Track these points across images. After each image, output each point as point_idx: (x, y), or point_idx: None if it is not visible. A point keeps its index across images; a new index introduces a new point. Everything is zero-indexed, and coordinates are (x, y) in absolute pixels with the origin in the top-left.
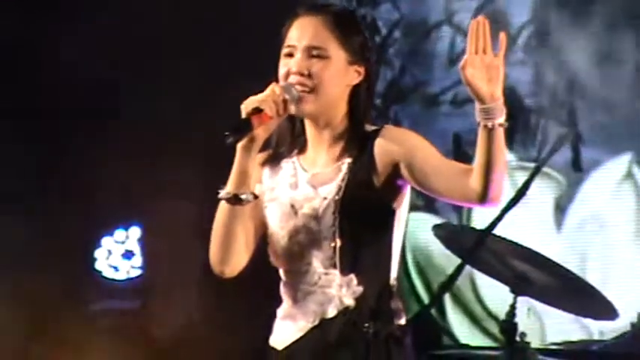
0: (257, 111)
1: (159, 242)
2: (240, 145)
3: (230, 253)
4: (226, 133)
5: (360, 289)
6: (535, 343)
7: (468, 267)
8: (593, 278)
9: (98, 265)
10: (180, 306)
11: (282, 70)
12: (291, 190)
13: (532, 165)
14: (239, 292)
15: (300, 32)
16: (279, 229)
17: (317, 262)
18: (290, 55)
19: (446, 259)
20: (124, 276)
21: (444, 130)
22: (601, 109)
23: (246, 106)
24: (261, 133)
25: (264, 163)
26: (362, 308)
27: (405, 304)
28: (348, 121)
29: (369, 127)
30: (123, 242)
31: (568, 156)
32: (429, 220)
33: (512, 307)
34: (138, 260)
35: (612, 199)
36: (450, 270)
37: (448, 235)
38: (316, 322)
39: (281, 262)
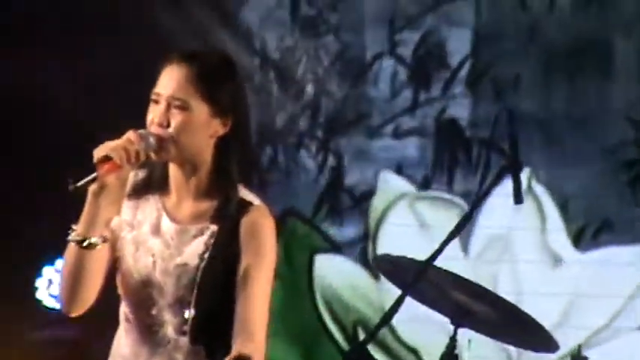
0: (106, 159)
1: None
2: (90, 190)
3: (79, 293)
4: (69, 180)
5: None
6: None
7: (378, 302)
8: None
9: (39, 295)
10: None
11: (149, 117)
12: (152, 235)
13: (432, 193)
14: None
15: (166, 82)
16: (134, 272)
17: (168, 326)
18: (156, 102)
19: (356, 299)
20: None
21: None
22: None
23: (96, 153)
24: (112, 180)
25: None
26: None
27: None
28: (215, 175)
29: (243, 194)
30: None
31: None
32: (334, 261)
33: (453, 339)
34: None
35: (514, 216)
36: (362, 309)
37: (389, 266)
38: None
39: (129, 302)
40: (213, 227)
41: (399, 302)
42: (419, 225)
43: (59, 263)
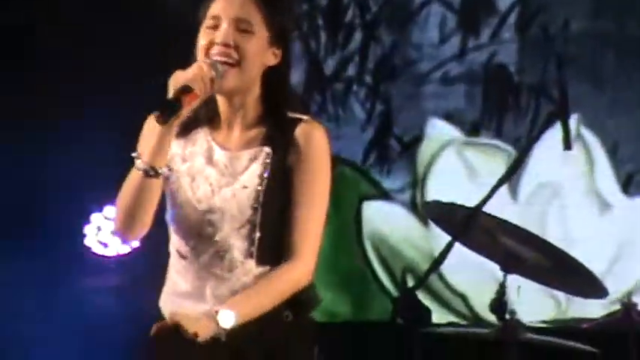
0: (186, 89)
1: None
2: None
3: (137, 220)
4: (157, 113)
5: None
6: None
7: (428, 249)
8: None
9: (88, 241)
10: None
11: (202, 41)
12: (207, 165)
13: (479, 140)
14: None
15: (227, 4)
16: (193, 201)
17: (234, 250)
18: (214, 27)
19: (406, 246)
20: (113, 252)
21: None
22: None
23: (174, 85)
24: (185, 112)
25: (180, 132)
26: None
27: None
28: (262, 105)
29: (290, 115)
30: (113, 219)
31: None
32: (383, 208)
33: (502, 285)
34: None
35: (563, 161)
36: (412, 255)
37: (439, 212)
38: None
39: (188, 234)
40: (267, 149)
41: (448, 248)
42: (467, 171)
43: (107, 210)
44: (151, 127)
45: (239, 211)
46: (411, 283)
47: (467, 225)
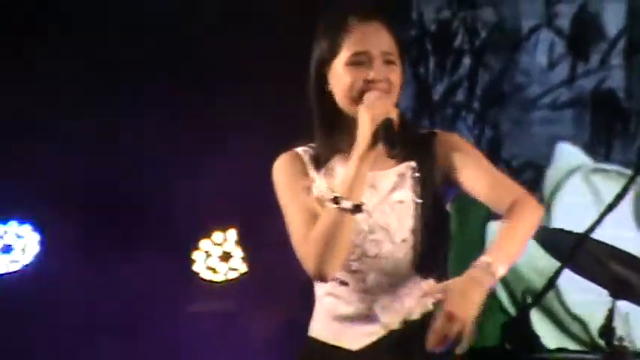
0: (390, 121)
1: (257, 245)
2: (360, 155)
3: (341, 259)
4: (391, 148)
5: None
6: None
7: (548, 270)
8: None
9: (196, 267)
10: (280, 309)
11: (351, 79)
12: None
13: (607, 166)
14: None
15: (372, 39)
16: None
17: (401, 264)
18: (360, 63)
19: (528, 268)
20: (222, 278)
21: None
22: None
23: (377, 117)
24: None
25: (317, 167)
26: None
27: None
28: (400, 124)
29: (420, 130)
30: (220, 244)
31: None
32: None
33: (611, 310)
34: (236, 262)
35: None
36: (533, 278)
37: (547, 238)
38: (397, 325)
39: (347, 262)
40: (412, 163)
41: (557, 273)
42: (593, 197)
43: (216, 236)
44: (295, 165)
45: (401, 225)
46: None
47: (574, 251)
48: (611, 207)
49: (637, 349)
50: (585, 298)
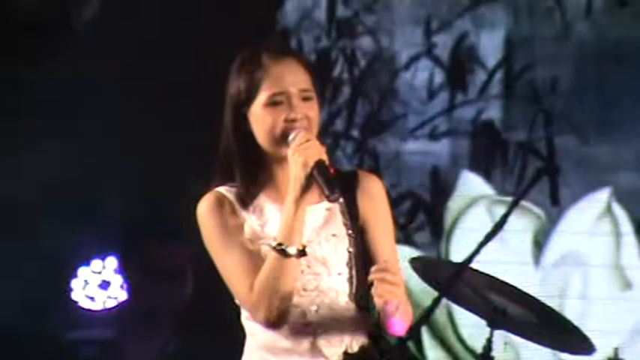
0: (321, 162)
1: (136, 273)
2: (294, 199)
3: (288, 303)
4: (330, 193)
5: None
6: None
7: (446, 301)
8: (571, 314)
9: (74, 295)
10: (156, 338)
11: (272, 119)
12: None
13: (510, 199)
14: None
15: (289, 77)
16: None
17: (340, 295)
18: (280, 102)
19: (423, 294)
20: (100, 306)
21: (422, 163)
22: (580, 143)
23: (309, 159)
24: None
25: (244, 206)
26: (377, 339)
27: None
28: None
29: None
30: (99, 272)
31: (546, 190)
32: (407, 253)
33: (489, 340)
34: (114, 290)
35: (591, 235)
36: (427, 304)
37: (425, 268)
38: (337, 358)
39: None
40: (340, 199)
41: (434, 304)
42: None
43: (95, 264)
44: (223, 206)
45: (337, 259)
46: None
47: (452, 281)
48: (489, 237)
49: None
50: (479, 330)
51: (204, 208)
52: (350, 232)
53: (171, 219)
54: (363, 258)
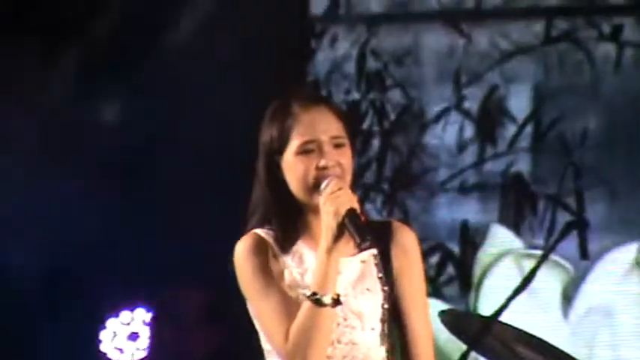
0: (353, 211)
1: (165, 325)
2: (327, 248)
3: (324, 351)
4: (361, 241)
5: None
6: None
7: (475, 355)
8: None
9: (103, 347)
10: None
11: (301, 169)
12: None
13: (539, 252)
14: None
15: (320, 126)
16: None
17: (372, 351)
18: (311, 150)
19: (452, 346)
20: (129, 358)
21: (451, 217)
22: (610, 196)
23: (341, 208)
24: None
25: (284, 252)
26: None
27: None
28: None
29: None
30: (128, 324)
31: (575, 244)
32: (436, 306)
33: None
34: (143, 342)
35: (620, 288)
36: (456, 357)
37: (454, 321)
38: None
39: None
40: (373, 250)
41: (464, 357)
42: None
43: (123, 315)
44: (263, 249)
45: (371, 313)
46: None
47: (480, 334)
48: (518, 291)
49: None
50: None
51: (243, 250)
52: (385, 287)
53: (198, 265)
54: (392, 312)
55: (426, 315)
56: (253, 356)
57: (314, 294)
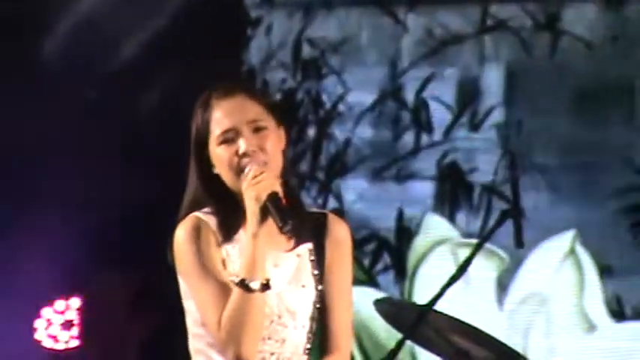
0: (275, 195)
1: (98, 313)
2: (253, 233)
3: (257, 338)
4: (283, 225)
5: None
6: None
7: (410, 343)
8: (535, 356)
9: (37, 335)
10: None
11: (224, 158)
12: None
13: (474, 241)
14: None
15: (235, 113)
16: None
17: (300, 348)
18: (231, 139)
19: (388, 334)
20: (63, 346)
21: (388, 203)
22: (546, 185)
23: (262, 191)
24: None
25: (226, 240)
26: None
27: None
28: (286, 193)
29: (309, 208)
30: (62, 312)
31: (511, 232)
32: (370, 294)
33: None
34: (77, 330)
35: (555, 276)
36: (392, 345)
37: (389, 309)
38: None
39: None
40: (308, 245)
41: (399, 345)
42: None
43: (58, 304)
44: (206, 234)
45: (303, 311)
46: None
47: (416, 323)
48: (453, 279)
49: None
50: None
51: (184, 234)
52: (320, 287)
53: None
54: (321, 309)
55: (350, 311)
56: (187, 339)
57: (242, 280)
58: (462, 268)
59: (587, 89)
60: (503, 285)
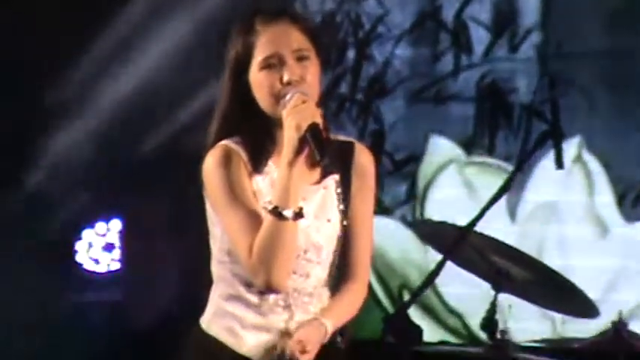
0: (315, 125)
1: (139, 235)
2: (288, 162)
3: (288, 266)
4: (322, 152)
5: None
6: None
7: (425, 266)
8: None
9: (79, 258)
10: (160, 299)
11: (265, 84)
12: None
13: (480, 159)
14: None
15: (280, 40)
16: None
17: (322, 281)
18: (273, 65)
19: (402, 262)
20: (105, 269)
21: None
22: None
23: (303, 121)
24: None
25: (256, 171)
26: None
27: None
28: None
29: (336, 137)
30: (104, 235)
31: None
32: (380, 223)
33: (493, 304)
34: (118, 253)
35: (563, 184)
36: (408, 272)
37: (429, 231)
38: None
39: None
40: (335, 176)
41: (439, 267)
42: (467, 190)
43: (99, 226)
44: (236, 163)
45: (327, 245)
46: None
47: (457, 244)
48: (493, 200)
49: (518, 342)
50: (462, 291)
51: (213, 161)
52: (345, 222)
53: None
54: (344, 244)
55: (370, 240)
56: None
57: (275, 208)
58: (502, 189)
59: (625, 9)
60: (513, 198)
